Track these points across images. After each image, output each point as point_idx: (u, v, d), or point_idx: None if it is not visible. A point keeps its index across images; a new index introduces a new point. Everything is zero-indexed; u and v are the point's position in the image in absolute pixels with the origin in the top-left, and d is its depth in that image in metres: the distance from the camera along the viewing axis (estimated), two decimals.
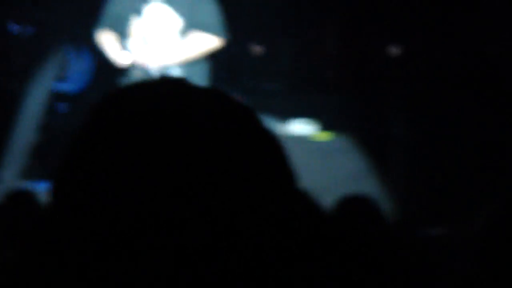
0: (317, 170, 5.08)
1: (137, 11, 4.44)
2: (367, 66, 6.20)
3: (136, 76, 4.45)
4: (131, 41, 4.51)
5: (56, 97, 6.04)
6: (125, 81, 4.50)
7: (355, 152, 5.55)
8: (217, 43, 4.54)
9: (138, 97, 0.89)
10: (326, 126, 5.81)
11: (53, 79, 5.87)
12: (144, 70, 4.40)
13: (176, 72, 4.41)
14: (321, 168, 5.29)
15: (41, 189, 4.67)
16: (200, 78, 4.47)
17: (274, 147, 0.90)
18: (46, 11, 5.84)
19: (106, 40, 4.59)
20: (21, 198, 3.54)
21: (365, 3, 6.00)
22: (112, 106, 0.89)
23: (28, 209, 3.38)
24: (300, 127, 5.75)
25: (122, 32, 4.55)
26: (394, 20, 5.87)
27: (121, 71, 4.59)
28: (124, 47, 4.54)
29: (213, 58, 4.72)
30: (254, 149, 0.88)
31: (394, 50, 6.02)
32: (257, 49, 6.42)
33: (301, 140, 5.61)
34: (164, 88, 0.91)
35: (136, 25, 4.49)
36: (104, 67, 5.01)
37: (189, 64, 4.49)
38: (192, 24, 4.45)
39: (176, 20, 4.46)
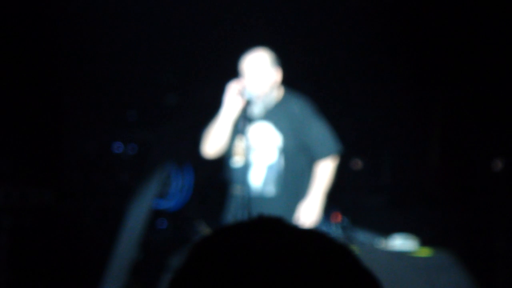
0: (418, 287, 4.94)
1: (242, 131, 4.51)
2: (469, 180, 6.09)
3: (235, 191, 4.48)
4: (235, 160, 4.57)
5: (156, 213, 6.15)
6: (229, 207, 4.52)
7: (456, 268, 5.38)
8: (337, 161, 4.54)
9: (236, 241, 0.90)
10: (427, 241, 5.67)
11: (154, 197, 5.99)
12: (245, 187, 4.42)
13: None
14: (423, 285, 5.14)
15: None
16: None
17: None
18: (150, 131, 6.02)
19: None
20: None
21: (468, 118, 5.95)
22: (210, 249, 0.90)
23: None
24: (400, 243, 5.63)
25: (227, 152, 4.61)
26: (498, 133, 5.79)
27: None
28: (228, 165, 4.60)
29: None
30: None
31: (499, 164, 5.91)
32: (357, 163, 6.39)
33: (402, 256, 5.48)
34: (261, 229, 0.92)
35: (240, 144, 4.55)
36: (202, 184, 5.06)
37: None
38: (308, 144, 4.46)
39: (276, 137, 4.51)
